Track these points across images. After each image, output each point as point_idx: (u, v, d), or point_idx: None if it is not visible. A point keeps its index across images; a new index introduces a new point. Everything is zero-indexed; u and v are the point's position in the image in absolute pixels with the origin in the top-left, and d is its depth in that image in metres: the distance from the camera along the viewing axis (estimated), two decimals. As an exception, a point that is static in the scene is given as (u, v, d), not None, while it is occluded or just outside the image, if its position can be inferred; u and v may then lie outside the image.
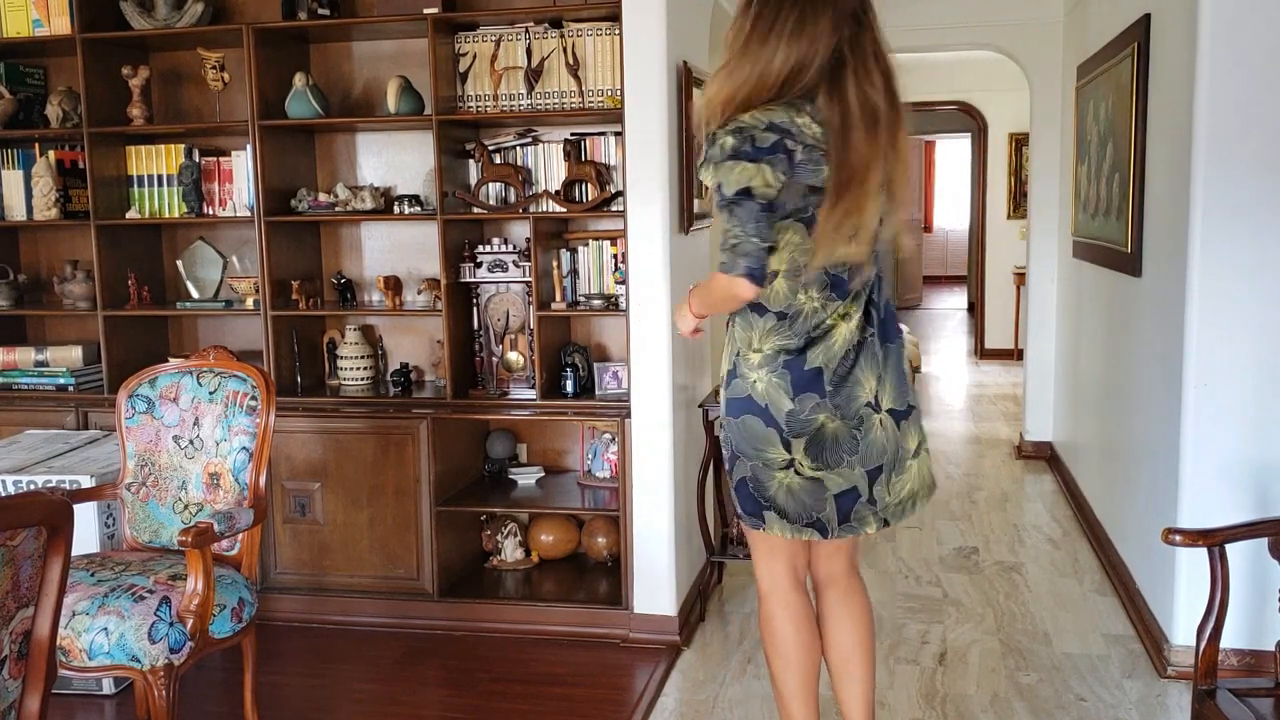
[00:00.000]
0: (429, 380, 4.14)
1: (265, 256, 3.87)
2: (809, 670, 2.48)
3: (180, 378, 3.13)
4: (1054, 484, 5.64)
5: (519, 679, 3.44)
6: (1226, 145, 3.14)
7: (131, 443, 3.12)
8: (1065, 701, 3.21)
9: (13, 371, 4.15)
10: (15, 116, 4.08)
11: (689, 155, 3.67)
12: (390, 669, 3.53)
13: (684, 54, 3.70)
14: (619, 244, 3.76)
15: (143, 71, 3.99)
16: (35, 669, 1.72)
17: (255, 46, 3.78)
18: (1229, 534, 2.32)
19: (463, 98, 3.80)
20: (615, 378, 3.83)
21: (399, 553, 3.83)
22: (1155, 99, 3.68)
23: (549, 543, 4.08)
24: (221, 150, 4.10)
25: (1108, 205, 4.34)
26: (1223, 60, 3.11)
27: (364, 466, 3.81)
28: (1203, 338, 3.20)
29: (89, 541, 3.29)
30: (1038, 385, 6.09)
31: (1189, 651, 2.84)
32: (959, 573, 4.33)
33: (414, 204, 3.88)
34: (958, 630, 3.75)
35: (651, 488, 3.63)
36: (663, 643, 3.62)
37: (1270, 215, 3.13)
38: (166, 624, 2.64)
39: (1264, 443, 3.20)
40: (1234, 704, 2.23)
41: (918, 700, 3.23)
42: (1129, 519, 4.02)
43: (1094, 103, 4.73)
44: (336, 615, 3.86)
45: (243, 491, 2.99)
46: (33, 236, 4.38)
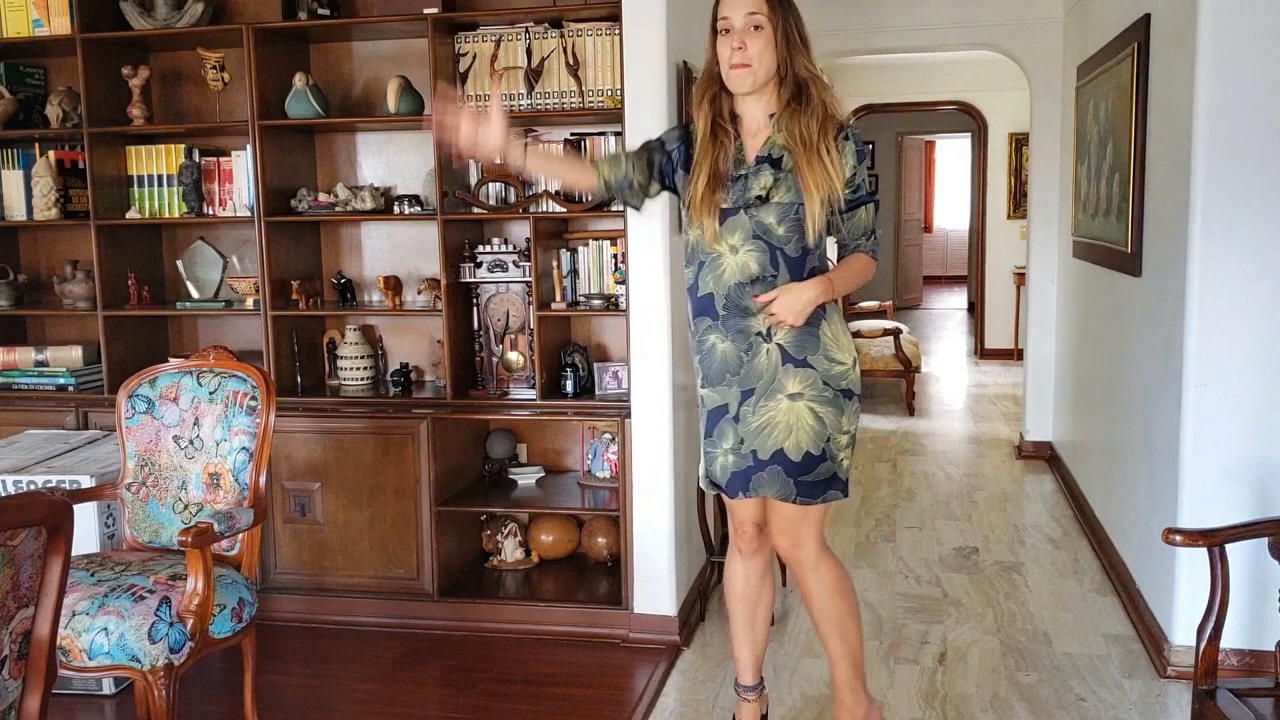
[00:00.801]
0: (429, 380, 4.14)
1: (265, 256, 3.87)
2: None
3: (180, 378, 3.13)
4: (1054, 484, 5.64)
5: (519, 679, 3.44)
6: (1226, 145, 3.14)
7: (131, 443, 3.11)
8: (1065, 701, 3.21)
9: (13, 371, 4.15)
10: (15, 116, 4.08)
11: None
12: (390, 669, 3.53)
13: (684, 54, 3.70)
14: (619, 244, 3.76)
15: (143, 71, 3.99)
16: (35, 669, 1.72)
17: (255, 46, 3.78)
18: (1229, 534, 2.32)
19: (463, 98, 3.80)
20: (615, 378, 3.83)
21: (399, 553, 3.83)
22: (1155, 99, 3.68)
23: (549, 543, 4.08)
24: (221, 150, 4.10)
25: (1108, 205, 4.34)
26: (1223, 60, 3.11)
27: (364, 466, 3.81)
28: (1203, 338, 3.20)
29: (89, 541, 3.29)
30: (1038, 385, 6.09)
31: (1189, 651, 2.84)
32: (959, 573, 4.33)
33: (414, 204, 3.88)
34: (958, 630, 3.75)
35: (651, 488, 3.63)
36: (663, 643, 3.62)
37: (1270, 215, 3.13)
38: (166, 624, 2.64)
39: (1264, 442, 3.20)
40: (1234, 704, 2.23)
41: (918, 700, 3.23)
42: (1129, 519, 4.02)
43: (1094, 103, 4.73)
44: (336, 615, 3.86)
45: (243, 491, 2.99)
46: (33, 236, 4.38)
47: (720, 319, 2.57)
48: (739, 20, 2.48)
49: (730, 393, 2.59)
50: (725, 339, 2.57)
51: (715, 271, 2.56)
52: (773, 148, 2.54)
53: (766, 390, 2.56)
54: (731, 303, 2.55)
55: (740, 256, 2.52)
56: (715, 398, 2.62)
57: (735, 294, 2.54)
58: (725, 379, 2.59)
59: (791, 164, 2.50)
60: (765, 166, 2.53)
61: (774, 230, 2.51)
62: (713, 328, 2.58)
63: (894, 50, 6.95)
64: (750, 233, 2.52)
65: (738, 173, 2.55)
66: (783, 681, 3.35)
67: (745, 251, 2.52)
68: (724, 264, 2.54)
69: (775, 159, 2.53)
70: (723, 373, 2.59)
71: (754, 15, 2.47)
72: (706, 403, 2.65)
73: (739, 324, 2.55)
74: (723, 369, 2.59)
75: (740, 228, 2.52)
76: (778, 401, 2.55)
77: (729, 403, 2.60)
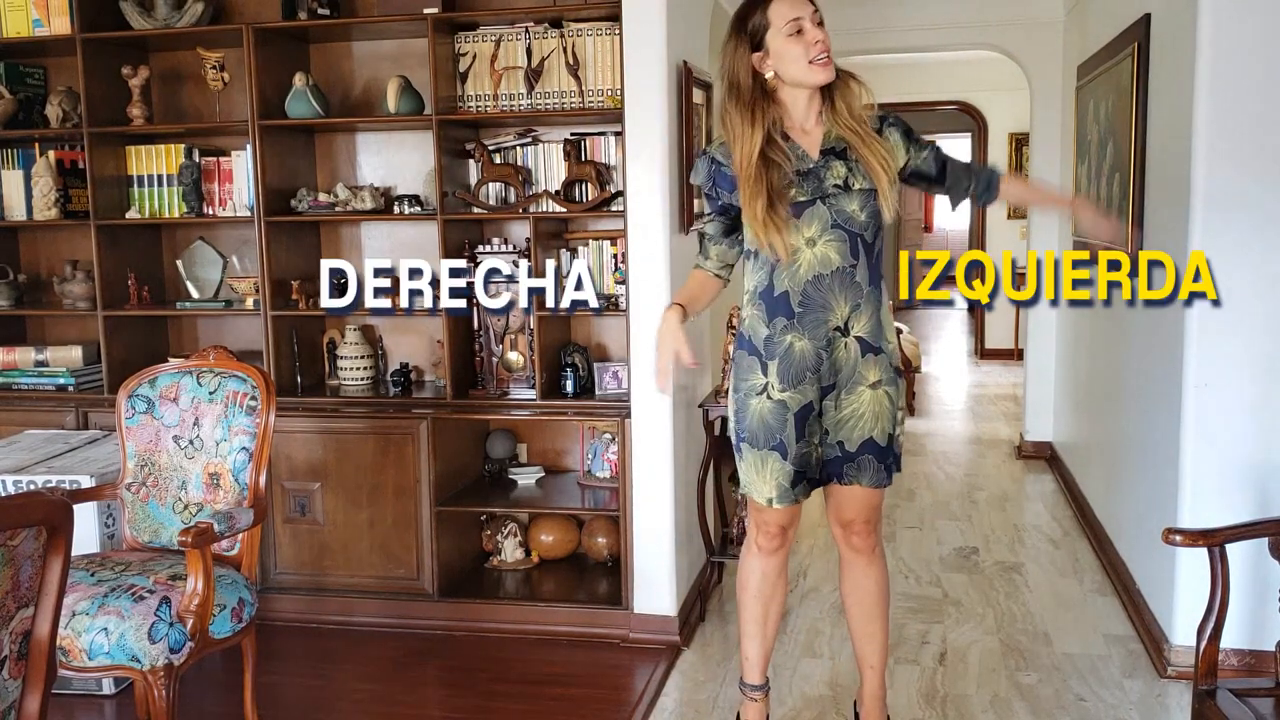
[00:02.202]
0: (429, 380, 4.14)
1: (265, 256, 3.87)
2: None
3: (180, 378, 3.13)
4: (1054, 484, 5.64)
5: (519, 679, 3.44)
6: (1226, 145, 3.14)
7: (131, 443, 3.11)
8: (1065, 701, 3.21)
9: (13, 371, 4.15)
10: (15, 116, 4.08)
11: (689, 155, 3.67)
12: (390, 669, 3.53)
13: (684, 54, 3.70)
14: (619, 244, 3.76)
15: (143, 71, 3.99)
16: (35, 669, 1.72)
17: (255, 46, 3.78)
18: (1229, 534, 2.33)
19: (463, 98, 3.80)
20: (615, 378, 3.83)
21: (399, 553, 3.83)
22: (1155, 99, 3.68)
23: (549, 543, 4.08)
24: (221, 150, 4.10)
25: (1108, 205, 4.34)
26: (1223, 60, 3.11)
27: (364, 466, 3.81)
28: (1203, 338, 3.20)
29: (89, 541, 3.29)
30: (1038, 385, 6.09)
31: (1189, 651, 2.84)
32: (959, 573, 4.33)
33: (414, 204, 3.88)
34: (958, 630, 3.75)
35: (651, 488, 3.62)
36: (663, 643, 3.62)
37: (1270, 215, 3.13)
38: (166, 624, 2.64)
39: (1264, 443, 3.20)
40: (1234, 704, 2.23)
41: (918, 700, 3.23)
42: (1129, 519, 4.02)
43: (1094, 103, 4.73)
44: (336, 615, 3.86)
45: (243, 491, 2.99)
46: (33, 236, 4.38)
47: (797, 316, 2.55)
48: (809, 14, 2.51)
49: (811, 391, 2.57)
50: (803, 337, 2.55)
51: (791, 269, 2.54)
52: (835, 140, 2.56)
53: (848, 383, 2.57)
54: (809, 299, 2.53)
55: (819, 248, 2.52)
56: (799, 398, 2.57)
57: (812, 289, 2.53)
58: (806, 378, 2.56)
59: (855, 154, 2.55)
60: (834, 159, 2.55)
61: (856, 217, 2.52)
62: (789, 327, 2.55)
63: (894, 50, 6.94)
64: (829, 221, 2.52)
65: (804, 167, 2.54)
66: (783, 681, 3.35)
67: (825, 242, 2.52)
68: (800, 259, 2.53)
69: (839, 150, 2.56)
70: (803, 372, 2.55)
71: (817, 12, 2.54)
72: (791, 405, 2.57)
73: (816, 320, 2.54)
74: (802, 368, 2.55)
75: (818, 218, 2.52)
76: (860, 393, 2.57)
77: (811, 400, 2.58)
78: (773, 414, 2.58)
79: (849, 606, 2.83)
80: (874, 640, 2.80)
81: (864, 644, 2.82)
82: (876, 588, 2.78)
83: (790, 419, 2.57)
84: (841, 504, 2.71)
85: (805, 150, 2.56)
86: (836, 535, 2.79)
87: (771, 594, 2.81)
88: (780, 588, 2.84)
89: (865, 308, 2.55)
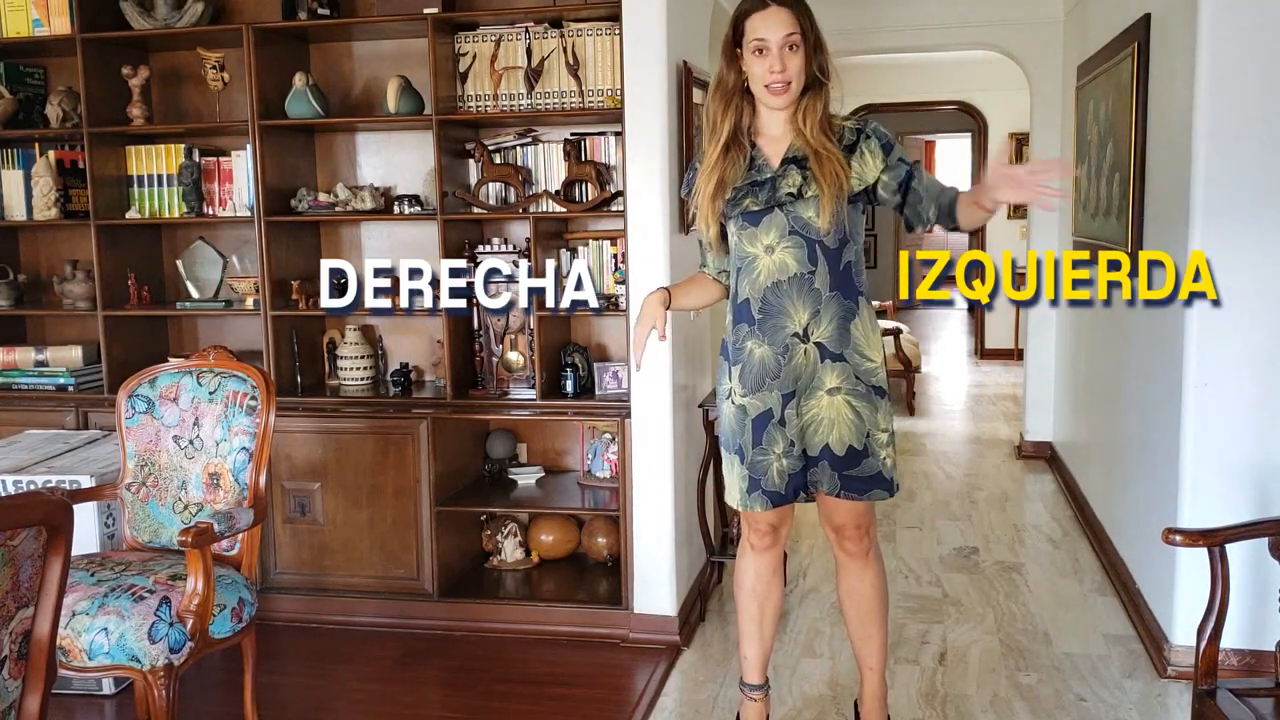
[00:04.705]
0: (429, 380, 4.14)
1: (265, 256, 3.87)
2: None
3: (180, 378, 3.13)
4: (1054, 484, 5.64)
5: (519, 679, 3.44)
6: (1226, 145, 3.14)
7: (131, 443, 3.11)
8: (1065, 701, 3.21)
9: (13, 371, 4.14)
10: (15, 116, 4.08)
11: (689, 155, 3.67)
12: (390, 669, 3.53)
13: (684, 54, 3.70)
14: (619, 244, 3.76)
15: (143, 71, 3.99)
16: (35, 669, 1.72)
17: (255, 46, 3.78)
18: (1229, 534, 2.32)
19: (463, 98, 3.80)
20: (615, 378, 3.83)
21: (399, 553, 3.83)
22: (1155, 99, 3.68)
23: (549, 543, 4.08)
24: (221, 150, 4.10)
25: (1108, 205, 4.34)
26: (1223, 60, 3.11)
27: (364, 466, 3.81)
28: (1203, 338, 3.20)
29: (89, 541, 3.29)
30: (1038, 385, 6.09)
31: (1189, 651, 2.84)
32: (959, 573, 4.33)
33: (414, 204, 3.88)
34: (958, 630, 3.75)
35: (651, 488, 3.62)
36: (663, 643, 3.62)
37: (1270, 215, 3.13)
38: (166, 624, 2.64)
39: (1264, 442, 3.20)
40: (1234, 704, 2.23)
41: (918, 700, 3.23)
42: (1129, 519, 4.02)
43: (1094, 103, 4.73)
44: (336, 615, 3.86)
45: (243, 491, 2.99)
46: (33, 236, 4.38)
47: (756, 323, 2.57)
48: (776, 40, 2.48)
49: (771, 397, 2.58)
50: (762, 344, 2.57)
51: (750, 275, 2.57)
52: (795, 150, 2.56)
53: (807, 389, 2.57)
54: (768, 305, 2.55)
55: (777, 255, 2.53)
56: (758, 404, 2.59)
57: (771, 295, 2.55)
58: (765, 384, 2.58)
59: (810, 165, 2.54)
60: (792, 167, 2.55)
61: (813, 223, 2.52)
62: (750, 333, 2.58)
63: (894, 50, 6.95)
64: (787, 228, 2.53)
65: (761, 177, 2.56)
66: (783, 681, 3.35)
67: (782, 249, 2.53)
68: (759, 266, 2.55)
69: (801, 159, 2.55)
70: (762, 378, 2.58)
71: (791, 35, 2.49)
72: (749, 411, 2.60)
73: (775, 326, 2.55)
74: (761, 374, 2.58)
75: (775, 225, 2.53)
76: (818, 398, 2.57)
77: (771, 407, 2.58)
78: (734, 418, 2.63)
79: (845, 610, 2.83)
80: (871, 642, 2.81)
81: (862, 646, 2.82)
82: (872, 591, 2.78)
83: (748, 424, 2.60)
84: (830, 510, 2.71)
85: (767, 158, 2.58)
86: (830, 539, 2.79)
87: (766, 592, 2.82)
88: (775, 586, 2.85)
89: (825, 314, 2.54)
